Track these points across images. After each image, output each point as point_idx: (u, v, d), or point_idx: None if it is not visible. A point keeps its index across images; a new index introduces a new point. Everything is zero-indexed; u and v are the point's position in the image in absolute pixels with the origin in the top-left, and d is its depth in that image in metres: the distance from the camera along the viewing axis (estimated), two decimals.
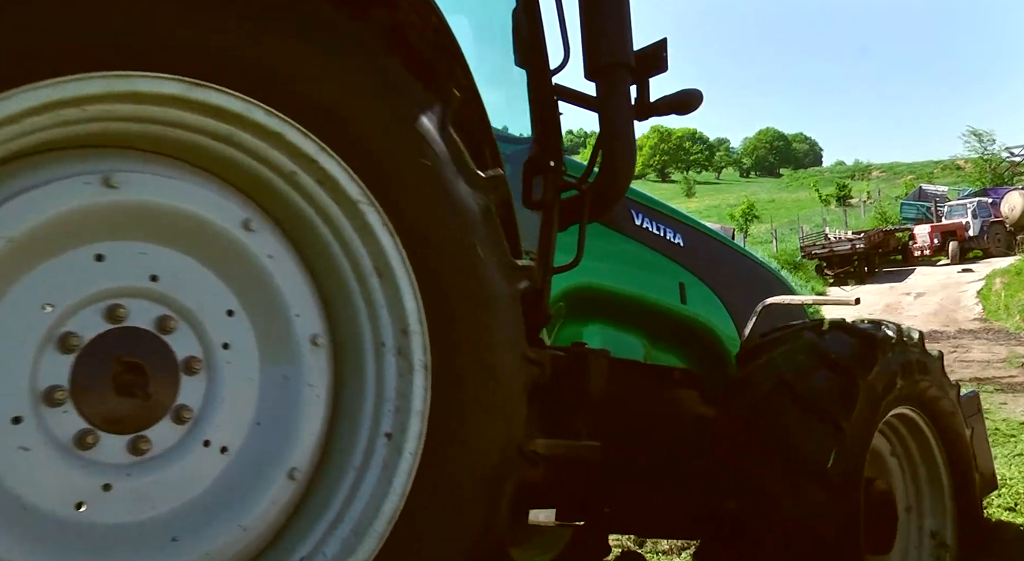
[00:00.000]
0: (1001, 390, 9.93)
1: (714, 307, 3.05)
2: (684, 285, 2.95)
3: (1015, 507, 4.44)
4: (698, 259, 3.05)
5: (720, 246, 3.34)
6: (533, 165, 2.22)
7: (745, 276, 3.36)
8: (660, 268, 2.90)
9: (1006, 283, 21.06)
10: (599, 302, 2.63)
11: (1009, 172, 45.16)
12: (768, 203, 61.21)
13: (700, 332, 3.00)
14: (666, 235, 2.97)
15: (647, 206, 2.96)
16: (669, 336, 2.93)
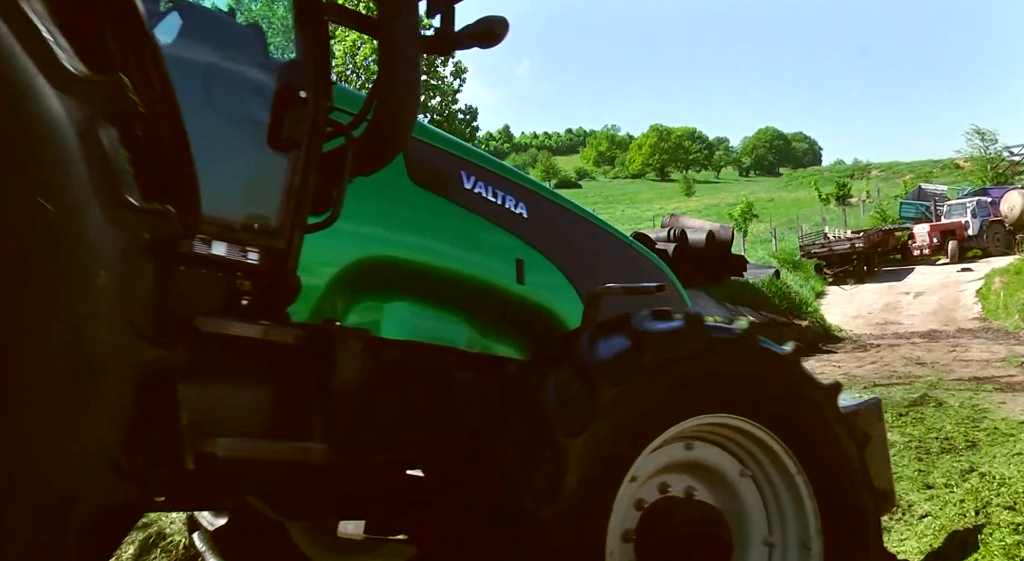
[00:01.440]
0: (1000, 389, 9.92)
1: (560, 288, 2.61)
2: (523, 262, 2.53)
3: (1015, 506, 4.43)
4: (544, 233, 2.62)
5: (576, 219, 2.85)
6: (284, 97, 1.83)
7: (603, 254, 2.90)
8: (492, 241, 2.48)
9: (1005, 282, 21.05)
10: (406, 278, 2.26)
11: (1009, 171, 45.15)
12: (767, 202, 61.20)
13: (540, 316, 2.56)
14: (505, 203, 2.54)
15: (483, 168, 2.54)
16: (501, 320, 2.52)
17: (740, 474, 2.39)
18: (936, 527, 4.41)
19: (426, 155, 2.38)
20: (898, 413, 8.37)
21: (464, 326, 2.46)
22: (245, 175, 1.85)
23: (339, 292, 2.11)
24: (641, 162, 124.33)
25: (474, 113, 24.29)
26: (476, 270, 2.44)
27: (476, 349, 2.47)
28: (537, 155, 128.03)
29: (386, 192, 2.24)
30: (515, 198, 2.60)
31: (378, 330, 2.20)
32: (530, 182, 2.76)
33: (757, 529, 2.39)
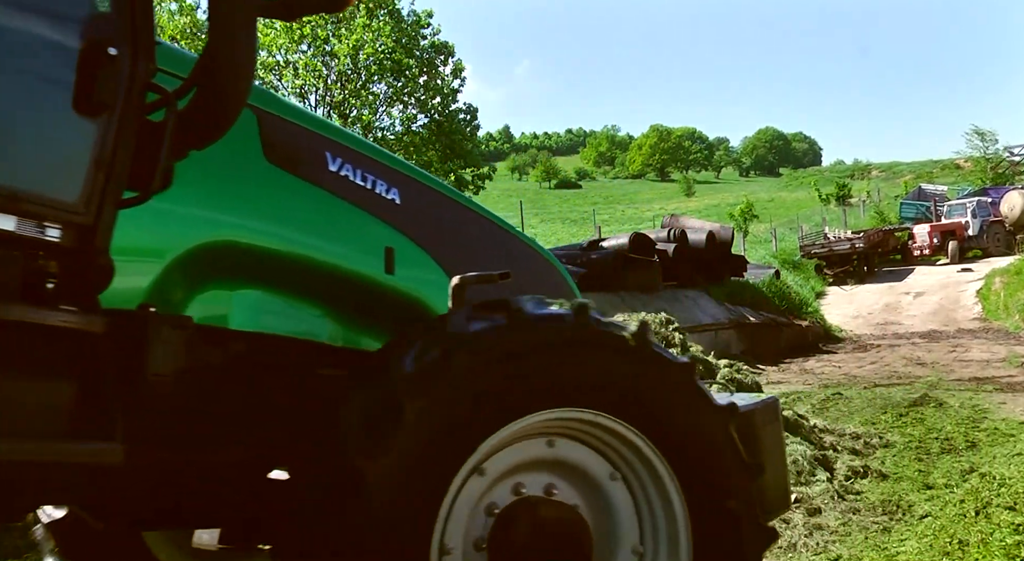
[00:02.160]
0: (1000, 390, 9.92)
1: (433, 279, 2.44)
2: (393, 251, 2.38)
3: (1015, 506, 4.43)
4: (419, 220, 2.48)
5: (454, 206, 2.70)
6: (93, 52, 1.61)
7: (483, 243, 2.75)
8: (359, 228, 2.33)
9: (1005, 283, 21.05)
10: (258, 265, 2.10)
11: (1009, 171, 45.15)
12: (767, 202, 61.21)
13: (412, 308, 2.41)
14: (375, 188, 2.39)
15: (352, 150, 2.37)
16: (369, 312, 2.38)
17: (610, 476, 2.25)
18: (936, 527, 4.41)
19: (285, 133, 2.22)
20: (898, 413, 8.37)
21: (326, 318, 2.30)
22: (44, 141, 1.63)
23: (179, 279, 1.94)
24: (641, 162, 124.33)
25: (474, 113, 24.26)
26: (339, 259, 2.28)
27: (340, 343, 2.31)
28: (537, 155, 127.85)
29: (236, 171, 2.06)
30: (387, 183, 2.43)
31: (225, 321, 2.04)
32: (405, 167, 2.60)
33: (626, 534, 2.26)
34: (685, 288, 16.11)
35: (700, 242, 17.17)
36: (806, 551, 4.30)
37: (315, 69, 20.49)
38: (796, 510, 4.90)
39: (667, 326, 6.80)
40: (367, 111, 21.14)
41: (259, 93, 2.16)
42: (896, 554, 4.08)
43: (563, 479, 2.24)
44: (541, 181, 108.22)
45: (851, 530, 4.64)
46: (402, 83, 21.52)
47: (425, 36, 22.28)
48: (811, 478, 5.52)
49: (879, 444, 6.90)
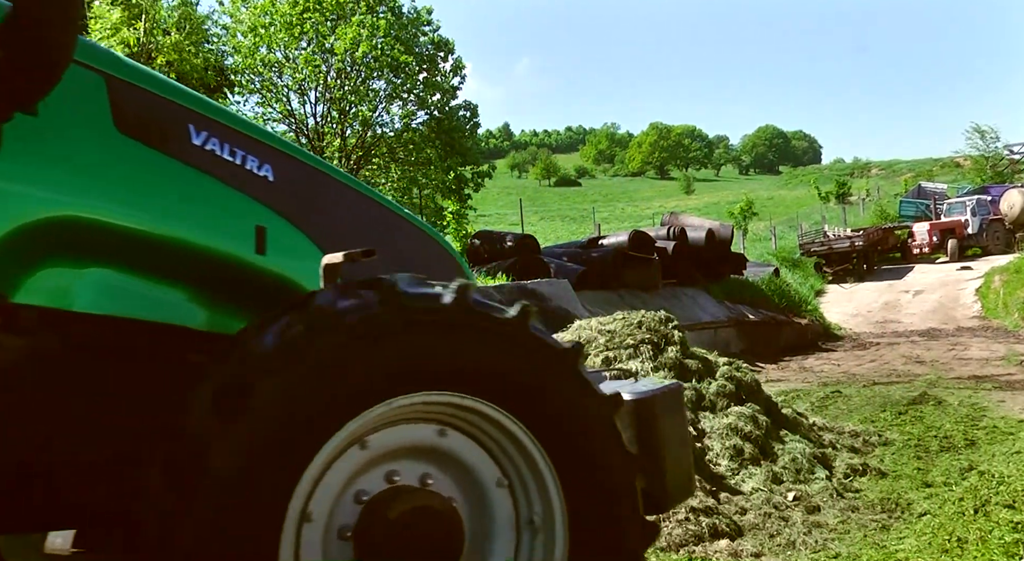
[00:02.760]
0: (999, 388, 9.92)
1: (309, 259, 2.32)
2: (264, 230, 2.26)
3: (1014, 504, 4.43)
4: (294, 198, 2.37)
5: (333, 184, 2.58)
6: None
7: (366, 223, 2.65)
8: (226, 206, 2.20)
9: (1005, 281, 21.05)
10: (109, 243, 1.96)
11: (1009, 170, 45.14)
12: (767, 200, 61.21)
13: (285, 290, 2.30)
14: (245, 164, 2.26)
15: (219, 123, 2.24)
16: (238, 294, 2.26)
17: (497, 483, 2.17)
18: (935, 525, 4.41)
19: (141, 101, 2.07)
20: (897, 411, 8.37)
21: (190, 301, 2.18)
22: None
23: (12, 258, 1.78)
24: (641, 160, 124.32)
25: (474, 110, 24.24)
26: (203, 238, 2.14)
27: (207, 327, 2.18)
28: (537, 153, 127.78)
29: (82, 141, 1.92)
30: (259, 159, 2.30)
31: (69, 302, 1.91)
32: (279, 142, 2.47)
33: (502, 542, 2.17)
34: (684, 286, 16.11)
35: (700, 240, 17.16)
36: (805, 549, 4.30)
37: (315, 65, 20.46)
38: (795, 508, 4.91)
39: (666, 324, 6.79)
40: (366, 107, 21.11)
41: (110, 57, 2.05)
42: (895, 552, 4.08)
43: (443, 471, 2.15)
44: (541, 179, 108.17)
45: (850, 528, 4.64)
46: (401, 80, 21.51)
47: (425, 33, 22.26)
48: (810, 476, 5.52)
49: (878, 442, 6.90)
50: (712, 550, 4.21)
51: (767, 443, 5.80)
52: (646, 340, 6.48)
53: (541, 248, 15.25)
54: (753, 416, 5.90)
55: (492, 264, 13.69)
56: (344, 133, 21.39)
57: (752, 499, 4.95)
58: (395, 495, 2.01)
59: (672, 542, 4.26)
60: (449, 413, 2.10)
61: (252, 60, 20.04)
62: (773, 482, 5.30)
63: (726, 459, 5.44)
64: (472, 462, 2.16)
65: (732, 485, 5.16)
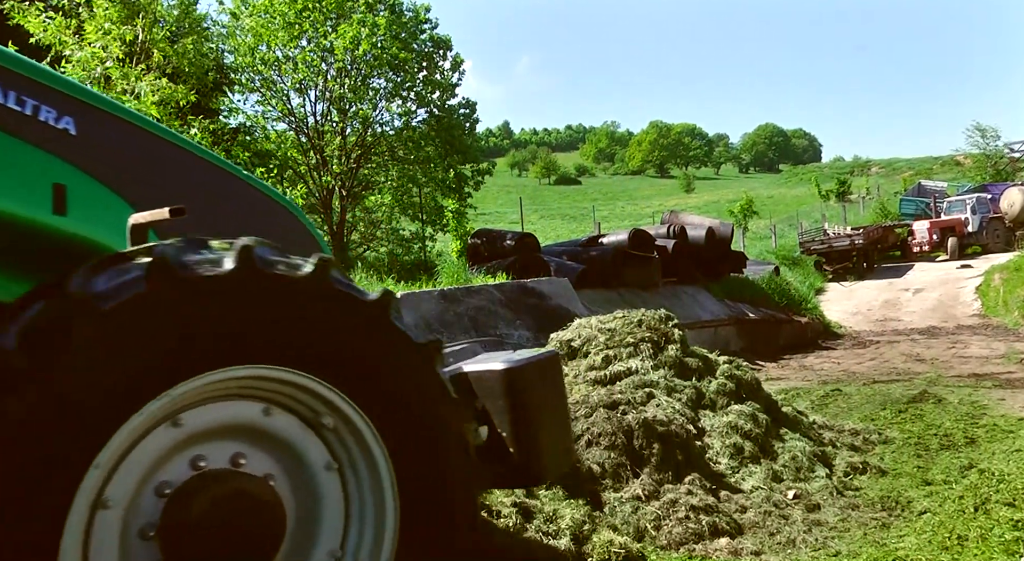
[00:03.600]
0: (999, 386, 9.91)
1: (120, 219, 2.13)
2: (64, 188, 2.07)
3: (1014, 502, 4.43)
4: (100, 153, 2.18)
5: (150, 139, 2.36)
6: None
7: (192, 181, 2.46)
8: (15, 161, 2.01)
9: (1005, 279, 21.05)
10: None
11: (1009, 168, 45.10)
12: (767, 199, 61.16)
13: (91, 253, 2.07)
14: (39, 115, 2.07)
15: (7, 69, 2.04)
16: (32, 258, 2.06)
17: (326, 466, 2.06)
18: (935, 523, 4.41)
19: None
20: (897, 410, 8.37)
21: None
22: None
23: None
24: (641, 159, 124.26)
25: (473, 108, 24.21)
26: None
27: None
28: (536, 152, 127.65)
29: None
30: (56, 110, 2.11)
31: None
32: (83, 92, 2.26)
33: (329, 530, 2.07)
34: (684, 284, 16.10)
35: (700, 238, 17.14)
36: (805, 547, 4.30)
37: (314, 64, 20.45)
38: (795, 506, 4.90)
39: (667, 322, 6.78)
40: (366, 106, 21.09)
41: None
42: (895, 550, 4.08)
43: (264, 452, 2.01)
44: (541, 177, 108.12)
45: (850, 526, 4.64)
46: (401, 78, 21.48)
47: (424, 30, 22.23)
48: (810, 474, 5.52)
49: (878, 440, 6.90)
50: (712, 548, 4.21)
51: (767, 441, 5.80)
52: (646, 338, 6.48)
53: (541, 247, 15.23)
54: (753, 414, 5.90)
55: (492, 263, 13.68)
56: (344, 132, 21.36)
57: (752, 497, 4.95)
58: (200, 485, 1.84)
59: (672, 541, 4.26)
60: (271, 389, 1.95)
61: (251, 58, 20.02)
62: (773, 480, 5.29)
63: (726, 457, 5.44)
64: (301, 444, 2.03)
65: (732, 483, 5.16)
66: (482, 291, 10.70)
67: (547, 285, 11.90)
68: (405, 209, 22.87)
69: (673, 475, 4.84)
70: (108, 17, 12.26)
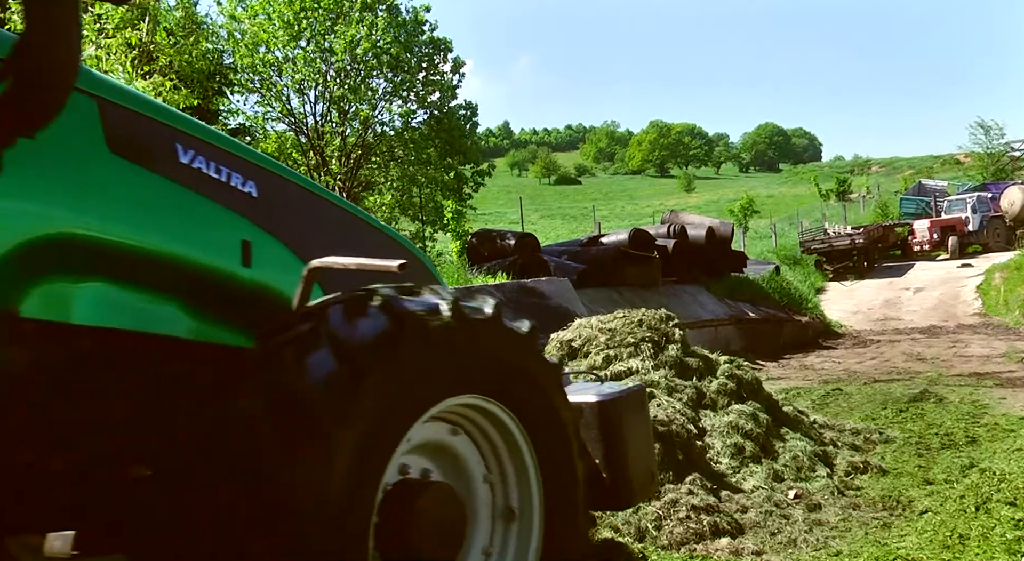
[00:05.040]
0: (1000, 385, 9.91)
1: (293, 271, 2.44)
2: (250, 244, 2.37)
3: (1015, 502, 4.43)
4: (277, 213, 2.49)
5: (313, 198, 2.73)
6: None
7: (345, 235, 2.81)
8: (214, 221, 2.31)
9: (1005, 278, 21.04)
10: (101, 258, 2.02)
11: (1010, 167, 45.07)
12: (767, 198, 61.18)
13: (270, 301, 2.41)
14: (230, 181, 2.37)
15: (204, 141, 2.34)
16: (225, 306, 2.34)
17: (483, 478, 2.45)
18: (936, 523, 4.40)
19: (131, 123, 2.15)
20: (898, 409, 8.37)
21: (180, 312, 2.24)
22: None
23: (12, 273, 1.84)
24: (641, 158, 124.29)
25: (474, 109, 24.21)
26: (192, 252, 2.24)
27: (193, 336, 2.25)
28: (536, 151, 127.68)
29: (78, 162, 1.99)
30: (243, 175, 2.41)
31: (67, 315, 1.96)
32: (262, 159, 2.58)
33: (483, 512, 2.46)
34: (685, 284, 16.10)
35: (700, 238, 17.14)
36: (806, 546, 4.30)
37: (314, 64, 20.44)
38: (796, 506, 4.90)
39: (667, 322, 6.78)
40: (366, 106, 21.09)
41: (102, 82, 2.12)
42: (896, 549, 4.07)
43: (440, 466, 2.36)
44: (541, 177, 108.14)
45: (851, 526, 4.64)
46: (401, 78, 21.48)
47: (424, 31, 22.22)
48: (811, 474, 5.51)
49: (879, 440, 6.90)
50: (713, 548, 4.21)
51: (768, 441, 5.80)
52: (647, 338, 6.47)
53: (541, 246, 15.24)
54: (754, 414, 5.90)
55: (492, 263, 13.67)
56: (344, 132, 21.36)
57: (753, 497, 4.94)
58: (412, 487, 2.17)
59: (673, 541, 4.26)
60: (461, 413, 2.32)
61: (251, 59, 20.01)
62: (774, 480, 5.29)
63: (727, 457, 5.43)
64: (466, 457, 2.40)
65: (733, 483, 5.16)
66: (482, 291, 10.69)
67: (547, 285, 11.90)
68: (405, 209, 22.87)
69: (674, 475, 4.84)
70: (111, 19, 12.25)
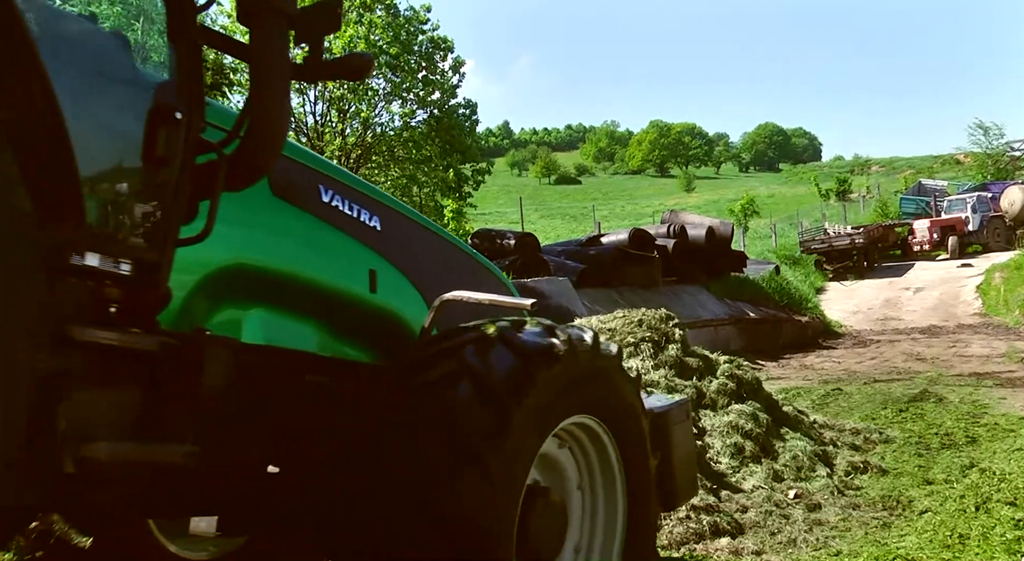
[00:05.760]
0: (1000, 385, 9.91)
1: (408, 296, 2.80)
2: (376, 272, 2.70)
3: (1015, 502, 4.43)
4: (395, 245, 2.81)
5: (424, 232, 3.09)
6: (159, 114, 1.87)
7: (451, 266, 3.16)
8: (347, 252, 2.63)
9: (1005, 278, 21.04)
10: (263, 285, 2.35)
11: (1010, 167, 45.04)
12: (767, 198, 61.17)
13: (391, 323, 2.75)
14: (360, 216, 2.69)
15: (341, 183, 2.68)
16: (355, 326, 2.69)
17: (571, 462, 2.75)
18: (936, 523, 4.40)
19: (288, 169, 2.45)
20: (898, 409, 8.37)
21: (319, 332, 2.57)
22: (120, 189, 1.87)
23: (201, 298, 2.18)
24: (641, 158, 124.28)
25: (474, 108, 24.20)
26: (332, 279, 2.56)
27: (328, 353, 2.58)
28: (536, 151, 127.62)
29: (247, 203, 2.27)
30: (370, 212, 2.75)
31: (238, 334, 2.28)
32: (384, 197, 2.94)
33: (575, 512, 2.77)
34: (685, 284, 16.09)
35: (700, 238, 17.13)
36: (806, 546, 4.30)
37: None
38: (796, 505, 4.90)
39: (667, 322, 6.78)
40: (366, 106, 21.08)
41: None
42: (896, 549, 4.07)
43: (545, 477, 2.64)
44: (541, 177, 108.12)
45: (851, 526, 4.64)
46: (400, 78, 21.46)
47: (424, 31, 22.21)
48: (811, 474, 5.51)
49: (879, 440, 6.90)
50: (713, 548, 4.21)
51: (768, 441, 5.80)
52: (647, 338, 6.47)
53: (541, 246, 15.23)
54: (754, 414, 5.90)
55: (493, 262, 13.66)
56: (344, 132, 21.35)
57: (753, 497, 4.94)
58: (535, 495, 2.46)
59: (673, 540, 4.26)
60: (568, 429, 2.63)
61: None
62: (774, 480, 5.29)
63: (727, 457, 5.43)
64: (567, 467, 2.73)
65: (733, 483, 5.16)
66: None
67: (547, 285, 11.89)
68: None
69: None
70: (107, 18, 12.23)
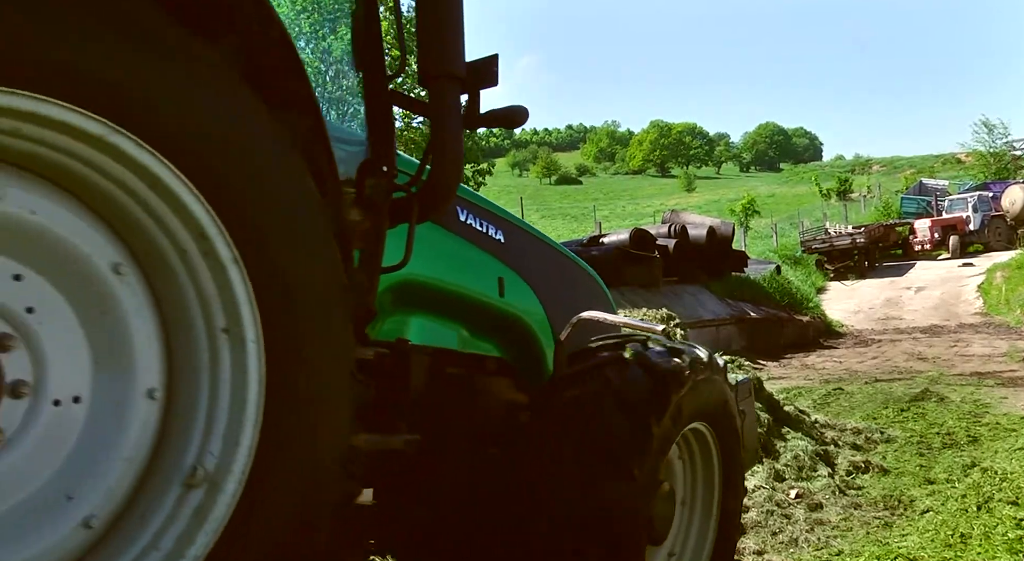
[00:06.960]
0: (1002, 384, 9.91)
1: (530, 302, 3.20)
2: (503, 280, 3.08)
3: (1017, 501, 4.43)
4: (517, 256, 3.20)
5: (541, 245, 3.50)
6: (367, 168, 2.33)
7: (562, 275, 3.57)
8: (480, 263, 3.02)
9: (1007, 277, 21.04)
10: (421, 295, 2.72)
11: (1011, 166, 45.03)
12: (768, 198, 61.16)
13: (516, 324, 3.15)
14: (488, 231, 3.08)
15: (473, 203, 3.08)
16: (487, 327, 3.06)
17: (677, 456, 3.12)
18: (938, 522, 4.40)
19: None
20: (899, 408, 8.36)
21: (460, 332, 2.93)
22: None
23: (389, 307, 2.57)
24: (642, 158, 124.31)
25: None
26: (471, 286, 2.93)
27: (466, 350, 2.96)
28: (537, 151, 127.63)
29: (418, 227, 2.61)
30: (495, 227, 3.12)
31: (407, 336, 2.61)
32: (505, 214, 3.30)
33: None
34: (686, 284, 16.09)
35: (701, 238, 17.13)
36: (807, 546, 4.30)
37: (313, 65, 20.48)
38: (798, 505, 4.90)
39: (668, 322, 6.79)
40: None
41: None
42: (898, 549, 4.07)
43: None
44: (541, 177, 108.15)
45: (852, 525, 4.64)
46: (401, 79, 21.50)
47: None
48: (812, 473, 5.51)
49: (880, 439, 6.90)
50: None
51: (769, 441, 5.80)
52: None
53: None
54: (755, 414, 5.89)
55: None
56: None
57: (754, 497, 4.94)
58: None
59: None
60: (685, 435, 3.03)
61: None
62: (775, 479, 5.29)
63: None
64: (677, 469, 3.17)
65: None
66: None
67: None
68: None
69: None
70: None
